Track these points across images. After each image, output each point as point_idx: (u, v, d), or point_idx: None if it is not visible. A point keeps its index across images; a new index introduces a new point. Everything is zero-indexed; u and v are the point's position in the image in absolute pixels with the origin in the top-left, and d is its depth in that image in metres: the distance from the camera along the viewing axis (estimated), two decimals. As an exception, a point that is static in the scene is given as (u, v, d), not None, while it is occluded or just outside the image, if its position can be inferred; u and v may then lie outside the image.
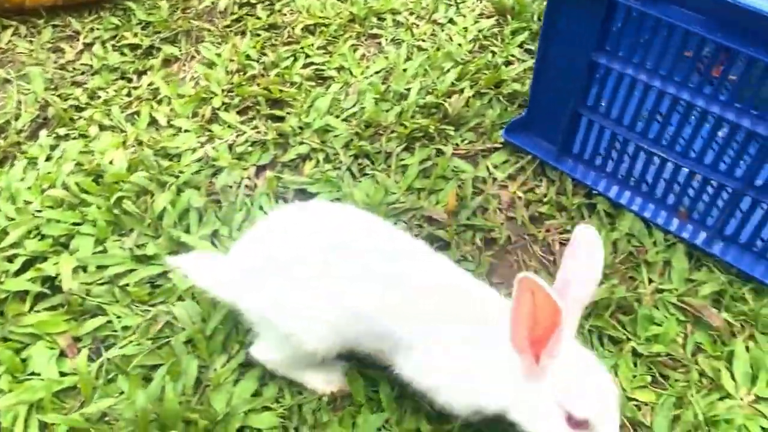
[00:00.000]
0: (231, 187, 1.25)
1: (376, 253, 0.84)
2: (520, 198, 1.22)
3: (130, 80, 1.51)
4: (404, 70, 1.49)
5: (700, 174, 1.07)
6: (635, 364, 0.99)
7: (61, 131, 1.38)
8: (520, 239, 1.16)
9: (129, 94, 1.47)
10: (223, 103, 1.43)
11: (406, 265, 0.84)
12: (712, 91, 0.99)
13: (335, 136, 1.35)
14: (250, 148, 1.34)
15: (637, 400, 0.95)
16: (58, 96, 1.46)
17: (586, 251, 0.75)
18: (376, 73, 1.50)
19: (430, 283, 0.83)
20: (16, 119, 1.41)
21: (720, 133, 1.04)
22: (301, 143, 1.35)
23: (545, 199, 1.21)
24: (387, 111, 1.40)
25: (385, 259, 0.84)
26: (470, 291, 0.84)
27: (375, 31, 1.61)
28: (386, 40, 1.59)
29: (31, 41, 1.60)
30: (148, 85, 1.48)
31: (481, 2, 1.68)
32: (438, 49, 1.53)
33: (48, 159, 1.32)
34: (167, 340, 1.01)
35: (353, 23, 1.63)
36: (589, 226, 0.76)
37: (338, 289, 0.81)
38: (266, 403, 0.93)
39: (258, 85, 1.47)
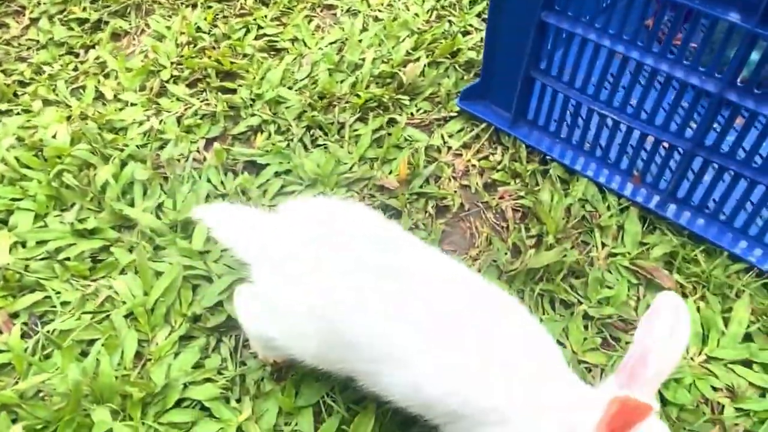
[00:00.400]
0: (178, 160, 1.22)
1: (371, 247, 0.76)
2: (474, 166, 1.20)
3: (77, 55, 1.46)
4: (359, 40, 1.45)
5: (651, 135, 1.05)
6: (586, 327, 0.97)
7: (3, 107, 1.32)
8: (473, 206, 1.14)
9: (75, 69, 1.42)
10: (172, 76, 1.39)
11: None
12: (661, 50, 0.98)
13: (287, 107, 1.32)
14: (199, 121, 1.30)
15: (587, 363, 0.94)
16: (2, 72, 1.40)
17: (669, 319, 0.64)
18: (331, 44, 1.47)
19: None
20: (-44, 95, 1.35)
21: (670, 93, 1.03)
22: (253, 115, 1.31)
23: (499, 167, 1.19)
24: (341, 82, 1.37)
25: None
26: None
27: (330, 1, 1.58)
28: (342, 10, 1.55)
29: (-27, 16, 1.54)
30: (95, 59, 1.43)
31: (439, -28, 1.65)
32: (394, 19, 1.50)
33: (-12, 136, 1.27)
34: (107, 314, 0.98)
35: (308, -6, 1.59)
36: (673, 293, 0.67)
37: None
38: (208, 374, 0.90)
39: (209, 57, 1.42)
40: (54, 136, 1.24)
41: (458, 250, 1.08)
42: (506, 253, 1.06)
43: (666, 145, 1.06)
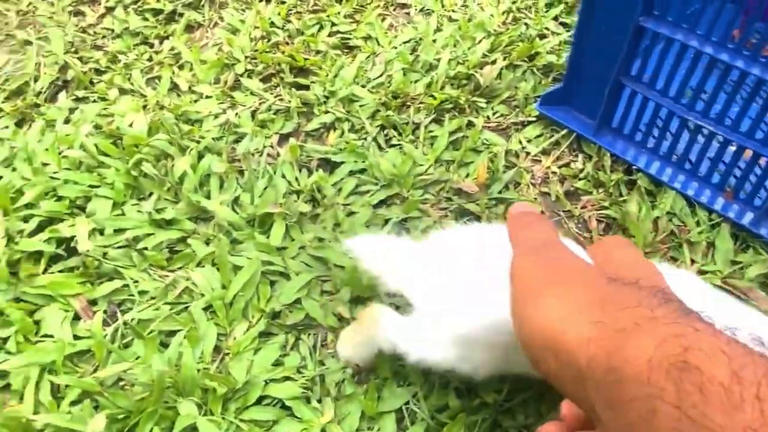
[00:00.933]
0: (253, 154, 1.21)
1: None
2: (554, 173, 1.17)
3: (151, 45, 1.47)
4: (434, 40, 1.43)
5: (750, 149, 1.01)
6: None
7: (80, 94, 1.34)
8: (554, 215, 1.11)
9: (150, 59, 1.43)
10: (246, 70, 1.39)
11: None
12: (769, 60, 0.93)
13: (361, 106, 1.30)
14: (273, 116, 1.30)
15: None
16: (78, 59, 1.42)
17: None
18: (405, 43, 1.45)
19: None
20: (35, 81, 1.37)
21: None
22: (326, 112, 1.30)
23: (581, 175, 1.15)
24: (415, 82, 1.35)
25: None
26: None
27: (403, 0, 1.56)
28: (415, 9, 1.54)
29: (52, 4, 1.57)
30: (170, 50, 1.44)
31: (514, -26, 1.62)
32: (469, 20, 1.47)
33: (66, 122, 1.29)
34: (185, 305, 0.98)
35: (382, -8, 1.57)
36: None
37: None
38: (287, 373, 0.89)
39: (282, 52, 1.42)
40: (131, 125, 1.25)
41: (540, 259, 1.04)
42: (590, 265, 1.02)
43: (763, 162, 1.01)
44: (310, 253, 1.04)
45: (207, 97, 1.33)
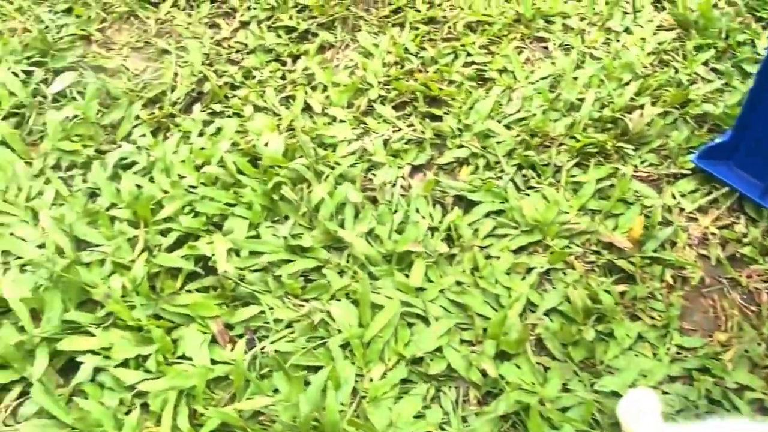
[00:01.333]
0: (386, 184, 1.18)
1: None
2: (713, 234, 1.08)
3: (284, 63, 1.47)
4: (575, 78, 1.37)
5: None
6: None
7: (216, 107, 1.35)
8: (715, 282, 1.02)
9: (283, 77, 1.43)
10: (379, 96, 1.36)
11: None
12: None
13: (498, 142, 1.25)
14: (405, 146, 1.26)
15: None
16: (214, 72, 1.43)
17: None
18: (542, 78, 1.39)
19: None
20: (172, 91, 1.39)
21: None
22: (460, 146, 1.26)
23: (746, 240, 1.06)
24: (555, 121, 1.29)
25: None
26: None
27: (542, 34, 1.50)
28: (554, 44, 1.47)
29: (189, 14, 1.60)
30: (303, 70, 1.43)
31: (660, 13, 1.53)
32: (614, 59, 1.40)
33: (201, 134, 1.30)
34: (322, 339, 0.94)
35: (518, 24, 1.52)
36: None
37: None
38: (430, 428, 0.84)
39: (415, 80, 1.39)
40: (266, 144, 1.24)
41: (701, 331, 0.96)
42: (760, 344, 0.93)
43: None
44: (450, 297, 0.99)
45: (341, 121, 1.31)
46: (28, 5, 1.60)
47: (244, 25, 1.58)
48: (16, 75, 1.38)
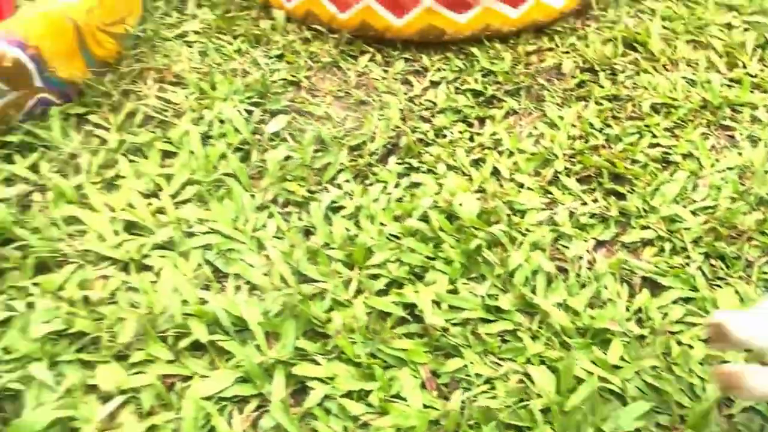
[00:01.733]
0: (580, 257, 1.25)
1: None
2: None
3: (471, 125, 1.59)
4: (766, 172, 1.39)
5: None
6: None
7: (413, 162, 1.48)
8: None
9: (471, 139, 1.54)
10: (565, 168, 1.45)
11: None
12: None
13: (685, 228, 1.30)
14: (590, 220, 1.33)
15: None
16: (408, 127, 1.57)
17: None
18: (729, 168, 1.42)
19: None
20: (371, 141, 1.53)
21: None
22: (644, 227, 1.31)
23: None
24: (744, 214, 1.31)
25: None
26: None
27: (728, 122, 1.53)
28: (741, 134, 1.50)
29: (385, 70, 1.75)
30: (491, 134, 1.54)
31: None
32: (808, 158, 1.41)
33: (396, 186, 1.42)
34: (522, 401, 1.02)
35: (704, 110, 1.56)
36: None
37: None
38: (633, 506, 0.90)
39: (600, 156, 1.46)
40: (460, 204, 1.35)
41: None
42: None
43: None
44: (646, 380, 1.04)
45: (528, 188, 1.40)
46: (246, 48, 1.82)
47: (434, 84, 1.71)
48: (240, 113, 1.57)
